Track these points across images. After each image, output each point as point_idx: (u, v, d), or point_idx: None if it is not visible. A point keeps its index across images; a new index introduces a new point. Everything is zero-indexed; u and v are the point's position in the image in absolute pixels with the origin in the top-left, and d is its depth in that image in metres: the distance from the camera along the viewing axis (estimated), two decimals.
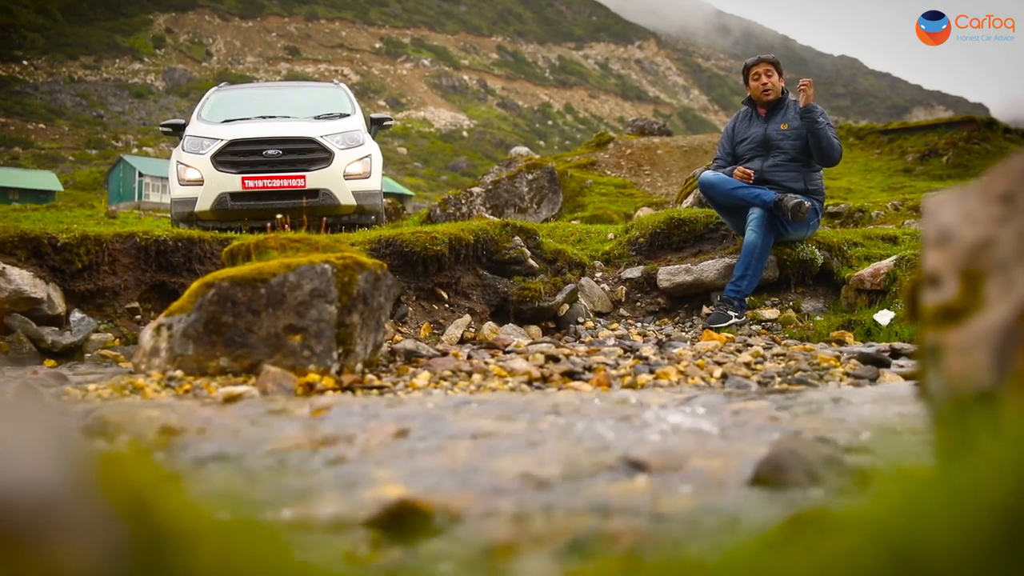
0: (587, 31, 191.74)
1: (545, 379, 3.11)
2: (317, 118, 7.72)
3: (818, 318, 5.07)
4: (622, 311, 5.41)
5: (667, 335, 4.73)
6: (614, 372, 3.25)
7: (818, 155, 5.20)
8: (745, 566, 0.62)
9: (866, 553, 0.55)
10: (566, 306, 5.07)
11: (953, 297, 0.92)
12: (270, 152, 6.99)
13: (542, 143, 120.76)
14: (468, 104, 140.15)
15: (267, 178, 6.92)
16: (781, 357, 3.72)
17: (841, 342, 4.38)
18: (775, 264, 5.35)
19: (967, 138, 19.05)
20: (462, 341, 4.50)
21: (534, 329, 4.94)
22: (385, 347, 3.66)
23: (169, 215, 7.90)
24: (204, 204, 6.92)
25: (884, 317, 4.59)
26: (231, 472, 1.53)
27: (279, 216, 6.49)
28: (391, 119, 8.67)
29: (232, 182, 6.91)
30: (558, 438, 1.74)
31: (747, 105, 5.51)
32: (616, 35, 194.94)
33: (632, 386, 2.95)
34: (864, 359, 3.46)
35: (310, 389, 2.83)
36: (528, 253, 5.27)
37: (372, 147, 7.53)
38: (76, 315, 4.31)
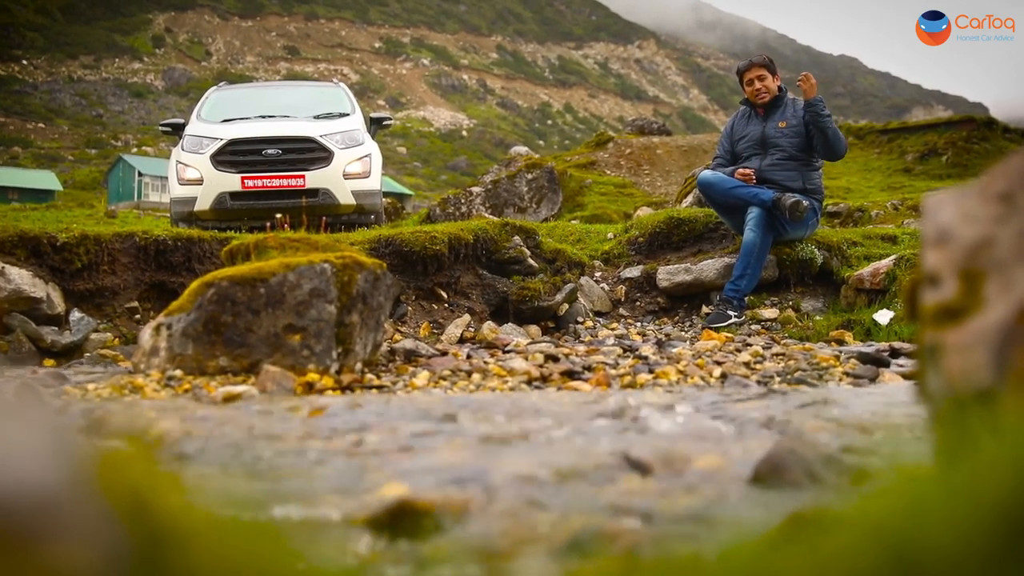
0: (587, 31, 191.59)
1: (544, 379, 3.11)
2: (316, 117, 7.71)
3: (817, 318, 5.07)
4: (621, 311, 5.41)
5: (666, 335, 4.73)
6: (613, 372, 3.25)
7: (824, 149, 5.16)
8: (744, 566, 0.62)
9: (865, 552, 0.55)
10: (565, 305, 5.07)
11: (952, 297, 0.92)
12: (269, 152, 6.98)
13: (542, 143, 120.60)
14: (468, 104, 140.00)
15: (267, 177, 6.92)
16: (780, 357, 3.72)
17: (841, 342, 4.38)
18: (774, 263, 5.35)
19: (967, 138, 19.01)
20: (461, 340, 4.50)
21: (533, 329, 4.94)
22: (385, 346, 3.66)
23: (168, 215, 7.90)
24: (203, 203, 6.92)
25: (884, 317, 4.59)
26: (230, 471, 1.53)
27: (278, 216, 6.48)
28: (390, 118, 8.67)
29: (231, 181, 6.91)
30: (558, 438, 1.74)
31: (745, 105, 5.52)
32: (616, 35, 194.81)
33: (631, 386, 2.95)
34: (864, 359, 3.46)
35: (309, 388, 2.83)
36: (527, 253, 5.26)
37: (372, 146, 7.53)
38: (75, 315, 4.30)
